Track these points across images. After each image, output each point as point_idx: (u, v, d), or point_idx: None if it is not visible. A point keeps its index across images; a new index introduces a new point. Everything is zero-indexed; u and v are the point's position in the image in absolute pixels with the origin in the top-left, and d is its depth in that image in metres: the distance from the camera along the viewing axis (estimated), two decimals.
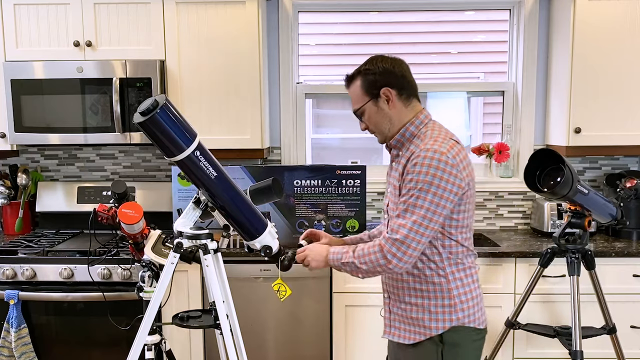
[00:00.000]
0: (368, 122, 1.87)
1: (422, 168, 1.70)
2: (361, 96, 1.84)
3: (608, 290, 2.80)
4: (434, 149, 1.71)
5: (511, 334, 2.91)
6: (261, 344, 2.97)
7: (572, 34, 2.99)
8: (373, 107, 1.84)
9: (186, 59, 3.04)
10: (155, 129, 1.65)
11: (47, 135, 3.03)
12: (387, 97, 1.82)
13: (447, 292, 1.80)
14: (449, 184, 1.69)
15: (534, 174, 2.47)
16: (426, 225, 1.70)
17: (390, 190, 1.88)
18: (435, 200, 1.69)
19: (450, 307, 1.80)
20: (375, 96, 1.82)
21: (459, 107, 3.61)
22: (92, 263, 2.82)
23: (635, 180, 2.98)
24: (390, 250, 1.71)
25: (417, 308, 1.82)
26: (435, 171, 1.68)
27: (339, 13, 3.48)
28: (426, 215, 1.69)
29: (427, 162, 1.69)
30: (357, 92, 1.85)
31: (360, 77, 1.84)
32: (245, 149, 3.11)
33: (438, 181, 1.68)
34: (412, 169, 1.71)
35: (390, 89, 1.81)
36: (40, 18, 3.03)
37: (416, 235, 1.70)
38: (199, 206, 1.92)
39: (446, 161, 1.69)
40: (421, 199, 1.69)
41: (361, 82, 1.84)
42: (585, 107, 3.02)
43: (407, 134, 1.84)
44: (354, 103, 1.89)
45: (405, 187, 1.73)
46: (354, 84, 1.86)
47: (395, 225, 1.72)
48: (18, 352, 2.84)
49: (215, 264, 2.01)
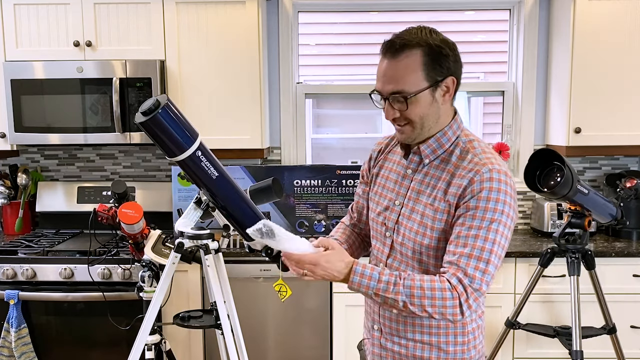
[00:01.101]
0: (412, 112, 1.43)
1: (499, 195, 1.39)
2: (417, 77, 1.40)
3: (608, 290, 2.80)
4: (502, 170, 1.42)
5: (511, 334, 2.91)
6: (261, 344, 2.97)
7: (572, 34, 2.99)
8: (428, 97, 1.42)
9: (186, 59, 3.04)
10: (157, 129, 1.64)
11: (47, 135, 3.03)
12: (448, 89, 1.44)
13: (461, 327, 1.52)
14: (513, 213, 1.43)
15: (534, 174, 2.46)
16: (497, 265, 1.42)
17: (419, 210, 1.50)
18: (506, 235, 1.42)
19: (463, 345, 1.53)
20: (436, 84, 1.42)
21: (459, 107, 3.59)
22: (92, 263, 2.81)
23: (635, 180, 2.98)
24: (467, 301, 1.38)
25: (422, 345, 1.53)
26: (505, 197, 1.40)
27: (339, 13, 3.48)
28: (500, 256, 1.42)
29: (502, 187, 1.40)
30: (412, 69, 1.40)
31: (422, 51, 1.39)
32: (245, 149, 3.11)
33: (509, 210, 1.41)
34: (485, 195, 1.39)
35: (455, 80, 1.45)
36: (40, 18, 3.03)
37: (490, 280, 1.41)
38: (200, 206, 1.92)
39: (512, 185, 1.43)
40: (492, 232, 1.39)
41: (424, 59, 1.39)
42: (585, 107, 3.03)
43: (443, 139, 1.49)
44: (395, 81, 1.41)
45: (473, 217, 1.40)
46: (408, 56, 1.40)
47: (471, 269, 1.38)
48: (18, 352, 2.83)
49: (216, 264, 2.01)
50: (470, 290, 1.37)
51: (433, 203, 1.47)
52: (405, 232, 1.52)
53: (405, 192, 1.55)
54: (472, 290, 1.38)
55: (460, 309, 1.38)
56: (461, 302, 1.37)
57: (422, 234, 1.49)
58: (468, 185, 1.41)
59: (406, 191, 1.55)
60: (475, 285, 1.38)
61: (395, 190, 1.58)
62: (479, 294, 1.39)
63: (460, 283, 1.37)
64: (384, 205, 1.60)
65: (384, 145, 1.72)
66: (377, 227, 1.63)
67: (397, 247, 1.56)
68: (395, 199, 1.57)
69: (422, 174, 1.53)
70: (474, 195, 1.40)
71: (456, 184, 1.44)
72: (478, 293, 1.39)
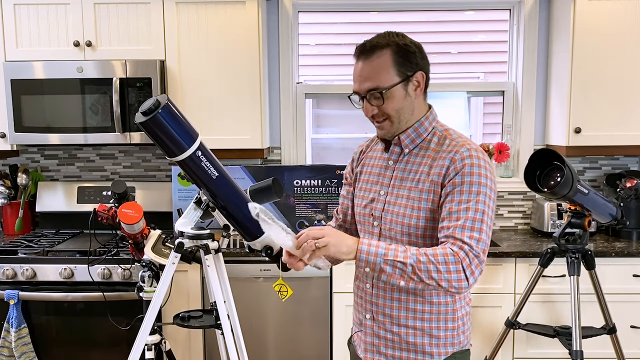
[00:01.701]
0: (388, 107, 1.55)
1: (480, 170, 1.50)
2: (389, 74, 1.52)
3: (608, 290, 2.80)
4: (478, 149, 1.54)
5: (511, 334, 2.91)
6: (261, 344, 2.97)
7: (572, 34, 2.99)
8: (401, 91, 1.54)
9: (186, 59, 3.04)
10: (157, 129, 1.65)
11: (47, 135, 3.03)
12: (418, 83, 1.56)
13: (451, 313, 1.60)
14: (494, 186, 1.53)
15: (534, 174, 2.46)
16: (489, 234, 1.50)
17: (404, 194, 1.59)
18: (491, 206, 1.51)
19: (453, 330, 1.61)
20: (407, 79, 1.54)
21: (459, 107, 3.61)
22: (92, 263, 2.81)
23: (635, 180, 2.98)
24: (470, 266, 1.43)
25: (415, 331, 1.59)
26: (486, 172, 1.51)
27: (339, 13, 3.48)
28: (490, 225, 1.50)
29: (482, 163, 1.51)
30: (384, 67, 1.52)
31: (391, 50, 1.52)
32: (245, 149, 3.11)
33: (491, 183, 1.51)
34: (468, 170, 1.49)
35: (424, 74, 1.57)
36: (40, 18, 3.03)
37: (485, 248, 1.48)
38: (200, 206, 1.92)
39: (490, 162, 1.54)
40: (481, 203, 1.48)
41: (393, 57, 1.52)
42: (585, 107, 3.03)
43: (421, 129, 1.60)
44: (370, 79, 1.53)
45: (460, 192, 1.49)
46: (380, 56, 1.53)
47: (467, 238, 1.45)
48: (18, 352, 2.83)
49: (216, 264, 2.01)
50: (471, 255, 1.44)
51: (417, 185, 1.57)
52: (392, 217, 1.60)
53: (388, 182, 1.64)
54: (473, 256, 1.44)
55: (464, 274, 1.43)
56: (464, 266, 1.43)
57: (409, 216, 1.57)
58: (450, 164, 1.52)
59: (389, 181, 1.64)
60: (474, 251, 1.45)
61: (379, 182, 1.67)
62: (479, 260, 1.45)
63: (461, 249, 1.45)
64: (370, 197, 1.68)
65: (364, 147, 1.84)
66: (364, 219, 1.70)
67: (385, 234, 1.63)
68: (380, 190, 1.66)
69: (403, 162, 1.63)
70: (457, 172, 1.51)
71: (438, 165, 1.54)
72: (479, 260, 1.45)
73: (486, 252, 1.48)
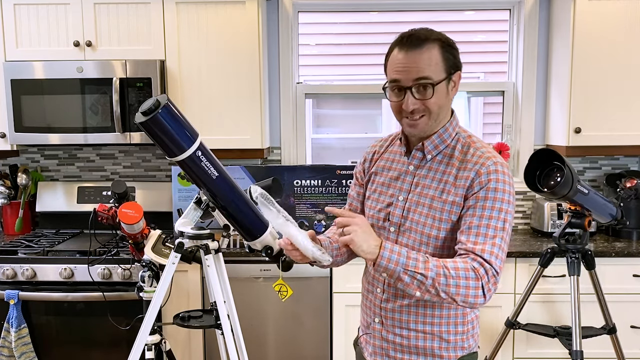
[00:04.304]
0: (434, 102, 1.49)
1: (504, 186, 1.48)
2: (439, 67, 1.48)
3: (608, 290, 2.80)
4: (504, 163, 1.51)
5: (511, 334, 2.91)
6: (261, 344, 2.97)
7: (572, 34, 2.99)
8: (445, 88, 1.51)
9: (186, 59, 3.04)
10: (157, 129, 1.64)
11: (47, 135, 3.03)
12: (455, 83, 1.54)
13: (461, 317, 1.59)
14: (514, 201, 1.53)
15: (534, 174, 2.46)
16: (505, 251, 1.49)
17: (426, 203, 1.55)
18: (511, 222, 1.50)
19: (463, 334, 1.59)
20: (450, 77, 1.51)
21: (459, 107, 3.61)
22: (92, 263, 2.81)
23: (635, 180, 2.98)
24: (488, 284, 1.43)
25: (424, 335, 1.58)
26: (510, 188, 1.49)
27: (339, 13, 3.48)
28: (508, 242, 1.50)
29: (507, 179, 1.49)
30: (435, 59, 1.48)
31: (440, 44, 1.49)
32: (245, 149, 3.11)
33: (512, 199, 1.50)
34: (493, 185, 1.47)
35: (460, 75, 1.55)
36: (40, 18, 3.03)
37: (502, 265, 1.47)
38: (200, 206, 1.92)
39: (511, 176, 1.52)
40: (501, 220, 1.47)
41: (442, 53, 1.49)
42: (585, 107, 3.03)
43: (445, 135, 1.57)
44: (422, 70, 1.47)
45: (483, 207, 1.47)
46: (430, 49, 1.48)
47: (487, 255, 1.44)
48: (18, 352, 2.83)
49: (216, 264, 2.01)
50: (490, 273, 1.43)
51: (441, 195, 1.53)
52: (412, 225, 1.56)
53: (408, 188, 1.60)
54: (492, 274, 1.43)
55: (482, 291, 1.42)
56: (482, 284, 1.42)
57: (429, 226, 1.53)
58: (475, 177, 1.49)
59: (409, 186, 1.60)
60: (494, 268, 1.44)
61: (397, 187, 1.62)
62: (497, 279, 1.45)
63: (482, 266, 1.43)
64: (386, 201, 1.64)
65: (378, 147, 1.77)
66: (379, 223, 1.65)
67: (402, 241, 1.58)
68: (399, 195, 1.61)
69: (425, 169, 1.58)
70: (482, 186, 1.48)
71: (463, 177, 1.51)
72: (496, 278, 1.44)
73: (502, 269, 1.47)
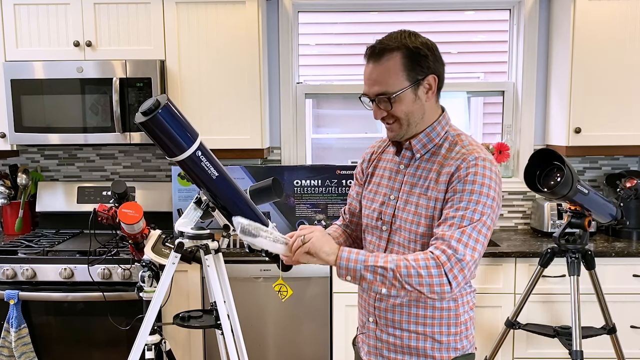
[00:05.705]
0: (397, 110, 1.51)
1: (483, 179, 1.47)
2: (398, 78, 1.48)
3: (608, 290, 2.80)
4: (487, 158, 1.50)
5: (511, 334, 2.91)
6: (261, 344, 2.97)
7: (572, 34, 2.99)
8: (411, 95, 1.51)
9: (186, 59, 3.04)
10: (157, 129, 1.65)
11: (47, 135, 3.03)
12: (430, 87, 1.53)
13: (454, 318, 1.58)
14: (497, 196, 1.50)
15: (534, 174, 2.46)
16: (483, 243, 1.46)
17: (413, 201, 1.57)
18: (491, 216, 1.47)
19: (456, 335, 1.59)
20: (418, 83, 1.50)
21: (459, 107, 3.61)
22: (92, 263, 2.81)
23: (635, 180, 2.98)
24: (452, 271, 1.40)
25: (417, 336, 1.58)
26: (490, 182, 1.47)
27: (339, 13, 3.48)
28: (486, 235, 1.46)
29: (487, 172, 1.48)
30: (393, 71, 1.48)
31: (401, 54, 1.48)
32: (245, 149, 3.11)
33: (493, 193, 1.47)
34: (471, 178, 1.47)
35: (436, 78, 1.53)
36: (40, 18, 3.03)
37: (474, 254, 1.44)
38: (200, 206, 1.92)
39: (497, 172, 1.51)
40: (477, 213, 1.45)
41: (403, 61, 1.48)
42: (585, 107, 3.03)
43: (433, 134, 1.57)
44: (379, 83, 1.50)
45: (459, 199, 1.47)
46: (389, 59, 1.48)
47: (454, 242, 1.42)
48: (18, 352, 2.83)
49: (216, 264, 2.01)
50: (453, 259, 1.40)
51: (426, 193, 1.54)
52: (401, 223, 1.58)
53: (399, 187, 1.62)
54: (456, 260, 1.40)
55: (446, 278, 1.40)
56: (445, 271, 1.40)
57: (417, 223, 1.55)
58: (455, 171, 1.49)
59: (400, 185, 1.62)
60: (458, 255, 1.41)
61: (390, 186, 1.65)
62: (464, 264, 1.41)
63: (443, 253, 1.41)
64: (379, 200, 1.66)
65: (376, 147, 1.80)
66: (372, 222, 1.68)
67: (394, 239, 1.61)
68: (390, 194, 1.64)
69: (414, 167, 1.60)
70: (460, 179, 1.48)
71: (445, 172, 1.52)
72: (463, 263, 1.41)
73: (475, 259, 1.44)
